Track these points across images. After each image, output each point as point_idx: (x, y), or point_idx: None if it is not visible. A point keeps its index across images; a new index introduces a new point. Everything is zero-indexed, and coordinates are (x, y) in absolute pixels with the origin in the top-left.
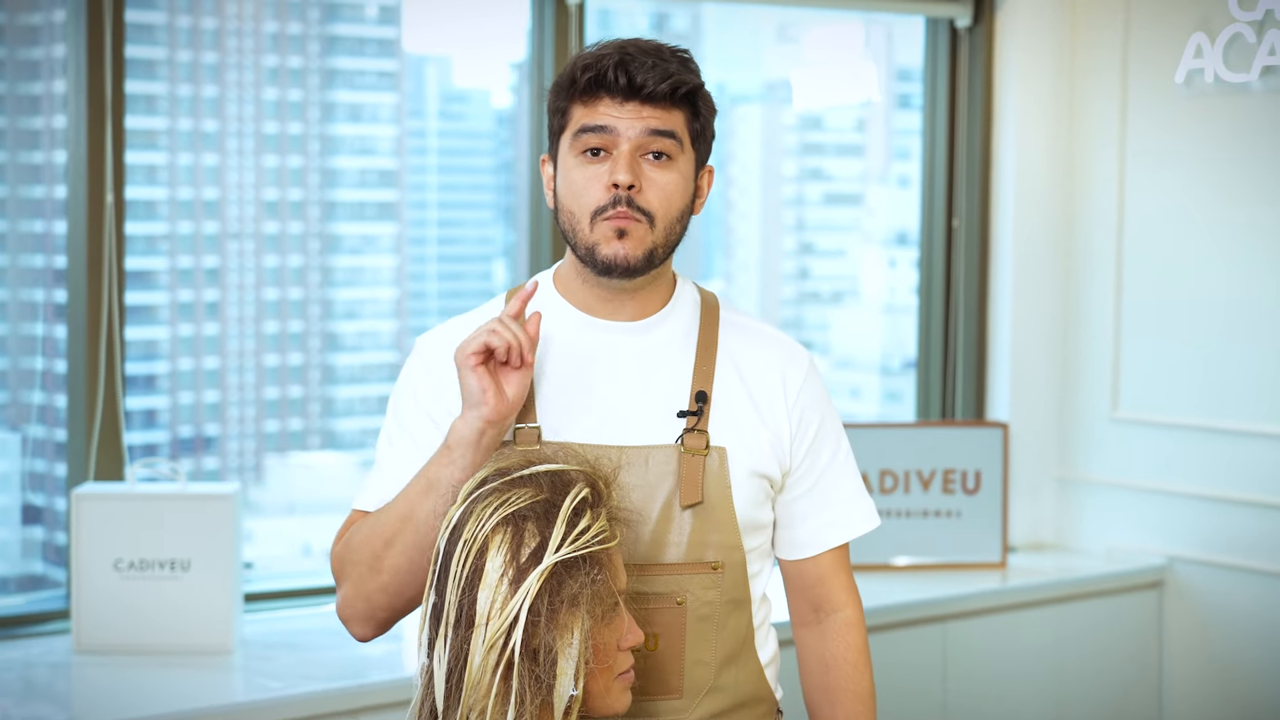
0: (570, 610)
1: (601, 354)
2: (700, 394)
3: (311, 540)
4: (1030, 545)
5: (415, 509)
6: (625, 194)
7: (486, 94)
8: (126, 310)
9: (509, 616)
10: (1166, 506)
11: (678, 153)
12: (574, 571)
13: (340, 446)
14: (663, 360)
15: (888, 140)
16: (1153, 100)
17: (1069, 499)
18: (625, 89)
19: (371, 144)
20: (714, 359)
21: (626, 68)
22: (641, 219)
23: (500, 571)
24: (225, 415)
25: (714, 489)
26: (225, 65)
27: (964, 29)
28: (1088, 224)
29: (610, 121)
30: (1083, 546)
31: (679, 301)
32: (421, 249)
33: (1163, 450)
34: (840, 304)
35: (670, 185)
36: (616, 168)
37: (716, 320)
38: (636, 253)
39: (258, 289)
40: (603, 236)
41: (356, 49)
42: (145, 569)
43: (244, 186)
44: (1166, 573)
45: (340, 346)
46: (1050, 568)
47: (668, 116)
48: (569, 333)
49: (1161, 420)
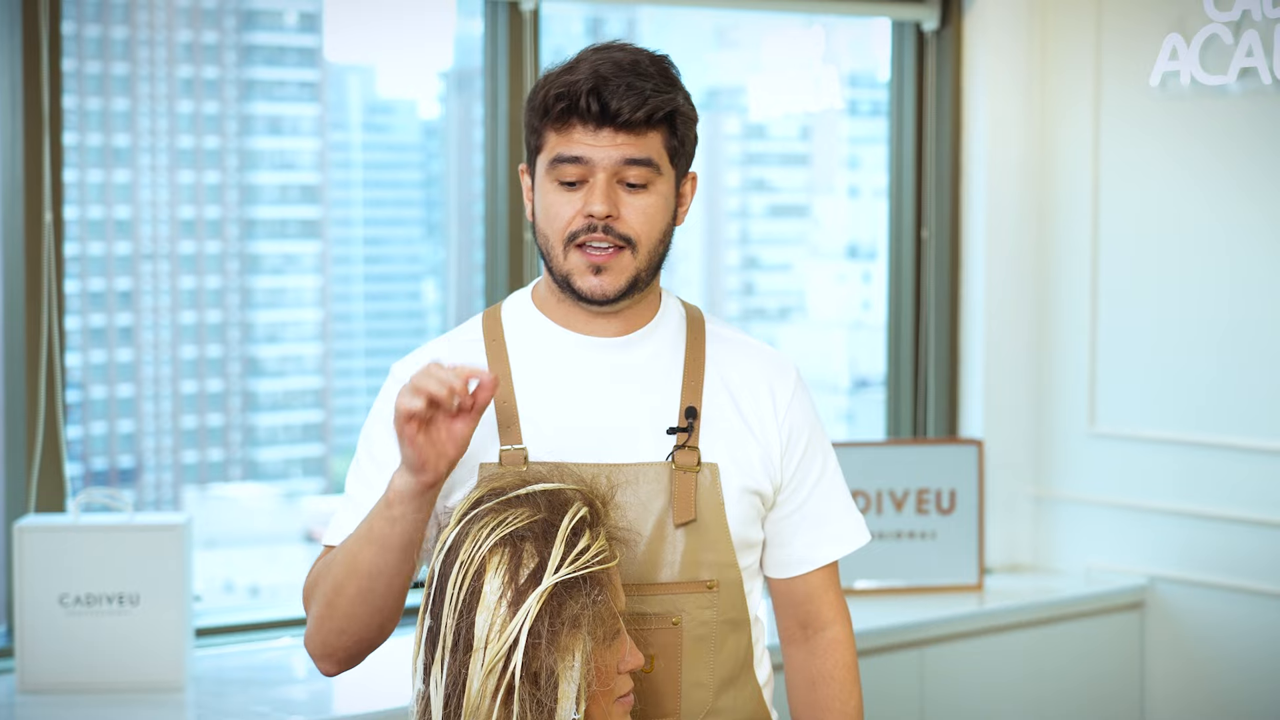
0: (571, 632)
1: (586, 371)
2: (690, 410)
3: (234, 577)
4: (1007, 566)
5: (359, 560)
6: (602, 222)
7: (413, 105)
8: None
9: (509, 639)
10: (1147, 524)
11: (655, 176)
12: (574, 592)
13: (263, 478)
14: (650, 376)
15: (834, 149)
16: (1127, 104)
17: (1046, 518)
18: (599, 117)
19: (292, 158)
20: (702, 374)
21: (600, 94)
22: (623, 246)
23: (499, 593)
24: (140, 446)
25: (707, 506)
26: (137, 77)
27: (931, 32)
28: (1062, 233)
29: (584, 151)
30: (1061, 567)
31: (665, 316)
32: (346, 268)
33: (1142, 466)
34: (787, 321)
35: (651, 208)
36: (592, 198)
37: (703, 334)
38: (617, 284)
39: (174, 312)
40: (576, 268)
41: (275, 58)
42: (92, 604)
43: (158, 205)
44: (1148, 593)
45: (262, 372)
46: (1028, 589)
47: (643, 142)
48: (553, 349)
49: (1140, 434)
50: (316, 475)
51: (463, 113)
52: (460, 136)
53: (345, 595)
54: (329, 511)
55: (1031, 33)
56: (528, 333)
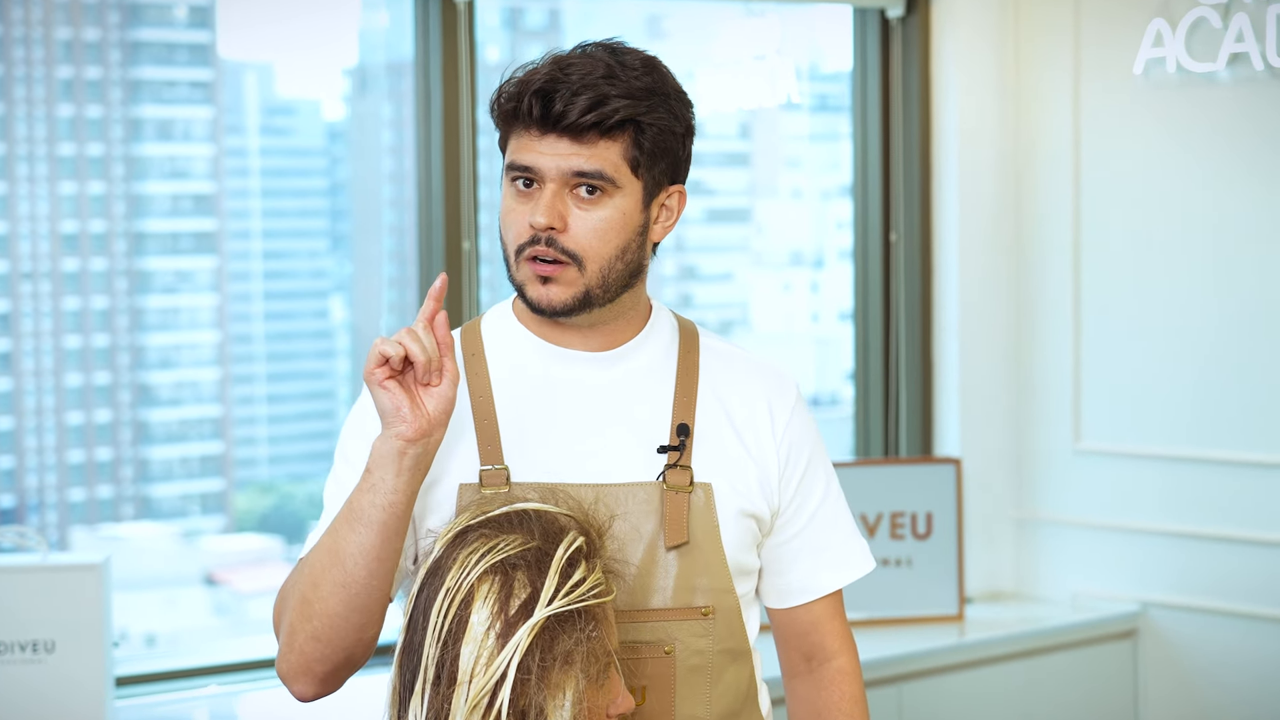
0: (563, 669)
1: (572, 386)
2: (682, 426)
3: (129, 624)
4: (989, 595)
5: (340, 543)
6: (545, 234)
7: (316, 105)
8: None
9: (496, 674)
10: (1138, 546)
11: (612, 188)
12: (568, 627)
13: (158, 516)
14: (639, 391)
15: (776, 147)
16: (1109, 95)
17: (1030, 541)
18: (540, 121)
19: (184, 165)
20: (695, 389)
21: (547, 97)
22: (568, 261)
23: (486, 624)
24: (22, 484)
25: (700, 528)
26: (11, 79)
27: (896, 19)
28: (1041, 234)
29: (533, 159)
30: (1047, 594)
31: (654, 329)
32: (245, 285)
33: (1132, 483)
34: (729, 335)
35: (602, 223)
36: (536, 208)
37: (696, 348)
38: (563, 297)
39: (56, 336)
40: (527, 278)
41: (164, 56)
42: (3, 652)
43: (37, 218)
44: (1140, 620)
45: (155, 400)
46: (1012, 619)
47: (594, 152)
48: (535, 364)
49: (1129, 451)
50: (217, 513)
51: (369, 113)
52: (366, 139)
53: (322, 591)
54: (231, 552)
55: (1004, 18)
56: (509, 346)
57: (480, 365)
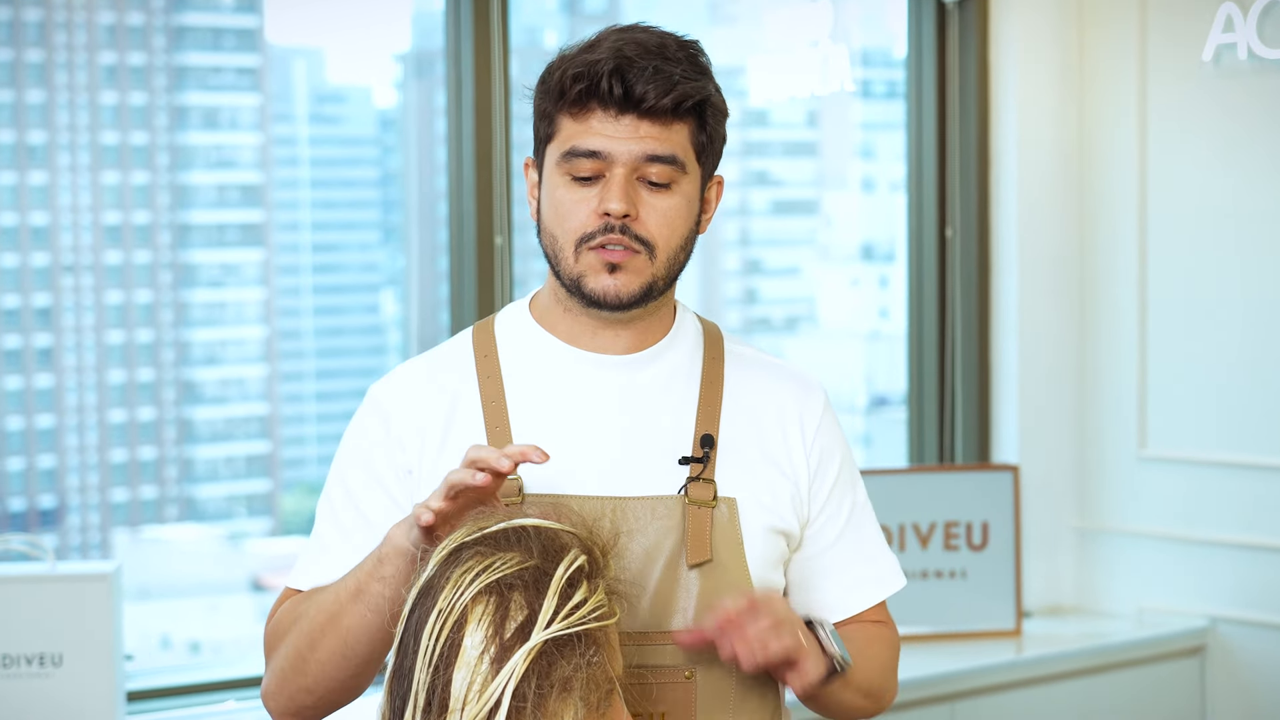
0: (562, 696)
1: (591, 392)
2: (706, 437)
3: (171, 631)
4: (1048, 609)
5: (343, 613)
6: (619, 222)
7: (367, 92)
8: None
9: (489, 701)
10: (1205, 558)
11: (680, 175)
12: (567, 652)
13: (203, 518)
14: (662, 399)
15: (845, 136)
16: (1176, 83)
17: (1091, 553)
18: (620, 101)
19: (231, 155)
20: (720, 397)
21: (624, 75)
22: (640, 249)
23: (480, 648)
24: (64, 484)
25: (724, 545)
26: (53, 64)
27: (953, 4)
28: (1105, 230)
29: (603, 144)
30: (1109, 608)
31: (680, 333)
32: (293, 278)
33: (1200, 493)
34: (795, 332)
35: (672, 210)
36: (609, 194)
37: (722, 354)
38: (632, 287)
39: (98, 331)
40: (590, 268)
41: (211, 42)
42: (9, 666)
43: (79, 209)
44: (1208, 636)
45: (200, 398)
46: (1072, 635)
47: (669, 135)
48: (552, 368)
49: (1197, 458)
50: (263, 514)
51: (424, 100)
52: (421, 127)
53: (320, 653)
54: (279, 555)
55: (1067, 4)
56: (525, 348)
57: (493, 367)
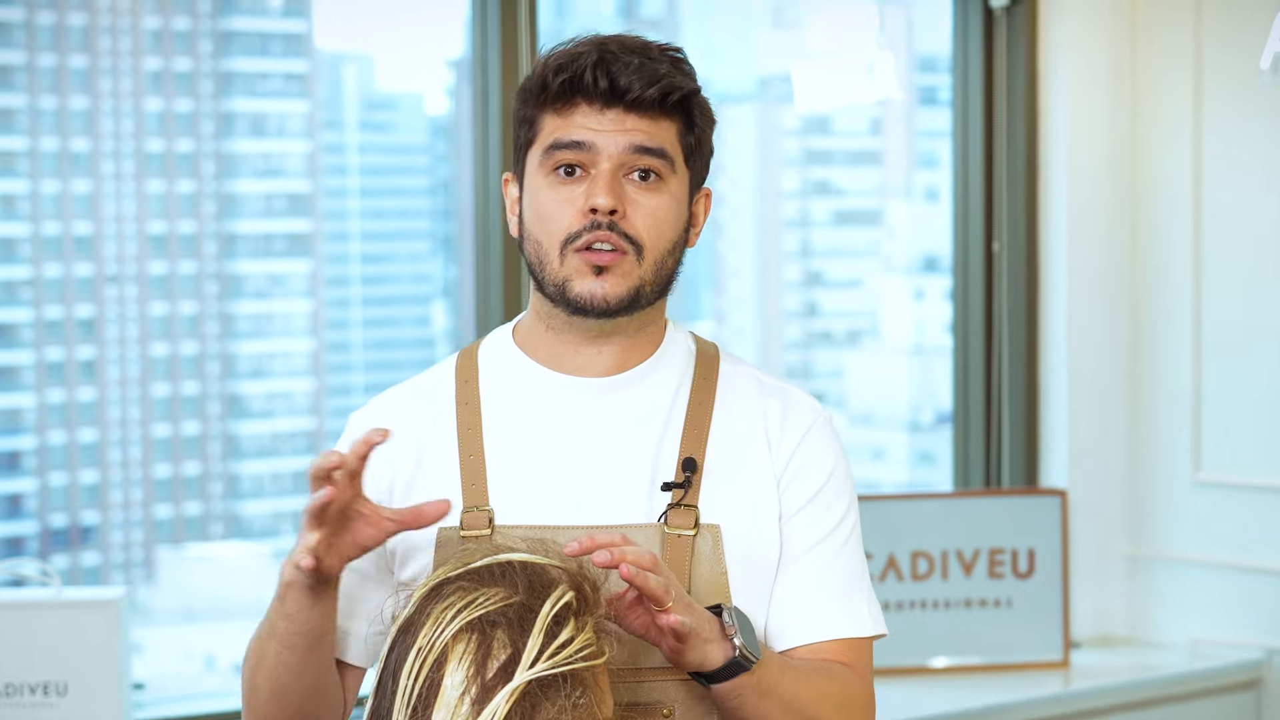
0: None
1: (568, 416)
2: (688, 461)
3: (216, 652)
4: (1098, 639)
5: (265, 653)
6: (607, 219)
7: (419, 99)
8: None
9: None
10: (1263, 587)
11: (668, 172)
12: (552, 693)
13: (248, 535)
14: (646, 422)
15: (910, 145)
16: (1233, 92)
17: (1143, 581)
18: (606, 93)
19: (278, 163)
20: (708, 420)
21: (607, 67)
22: (628, 249)
23: (461, 689)
24: (106, 500)
25: (705, 576)
26: (97, 70)
27: (1000, 8)
28: (1158, 244)
29: (588, 136)
30: (1162, 639)
31: (668, 352)
32: (342, 290)
33: (1257, 518)
34: (857, 346)
35: (661, 210)
36: (595, 189)
37: (715, 374)
38: (619, 290)
39: (142, 343)
40: (575, 271)
41: (258, 48)
42: (12, 695)
43: (123, 219)
44: (1265, 668)
45: (246, 412)
46: (1123, 666)
47: (656, 129)
48: (531, 393)
49: (1254, 482)
50: None
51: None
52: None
53: (261, 695)
54: None
55: (1120, 10)
56: (504, 373)
57: (472, 393)
